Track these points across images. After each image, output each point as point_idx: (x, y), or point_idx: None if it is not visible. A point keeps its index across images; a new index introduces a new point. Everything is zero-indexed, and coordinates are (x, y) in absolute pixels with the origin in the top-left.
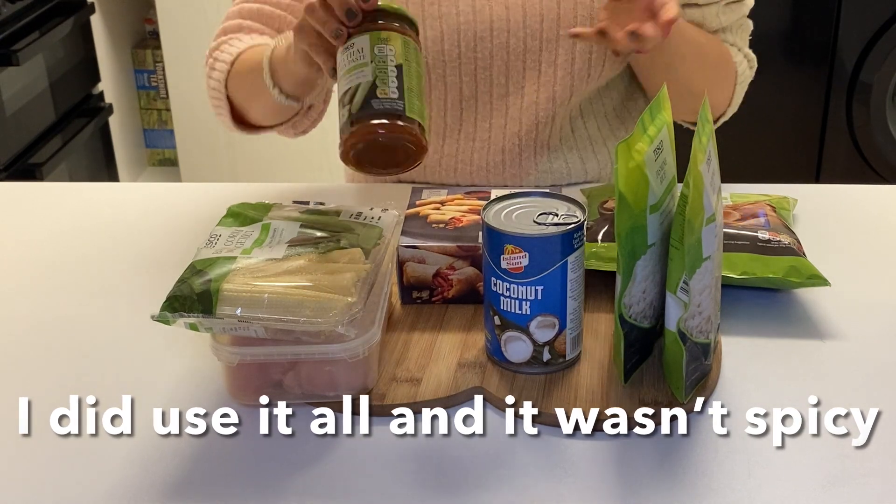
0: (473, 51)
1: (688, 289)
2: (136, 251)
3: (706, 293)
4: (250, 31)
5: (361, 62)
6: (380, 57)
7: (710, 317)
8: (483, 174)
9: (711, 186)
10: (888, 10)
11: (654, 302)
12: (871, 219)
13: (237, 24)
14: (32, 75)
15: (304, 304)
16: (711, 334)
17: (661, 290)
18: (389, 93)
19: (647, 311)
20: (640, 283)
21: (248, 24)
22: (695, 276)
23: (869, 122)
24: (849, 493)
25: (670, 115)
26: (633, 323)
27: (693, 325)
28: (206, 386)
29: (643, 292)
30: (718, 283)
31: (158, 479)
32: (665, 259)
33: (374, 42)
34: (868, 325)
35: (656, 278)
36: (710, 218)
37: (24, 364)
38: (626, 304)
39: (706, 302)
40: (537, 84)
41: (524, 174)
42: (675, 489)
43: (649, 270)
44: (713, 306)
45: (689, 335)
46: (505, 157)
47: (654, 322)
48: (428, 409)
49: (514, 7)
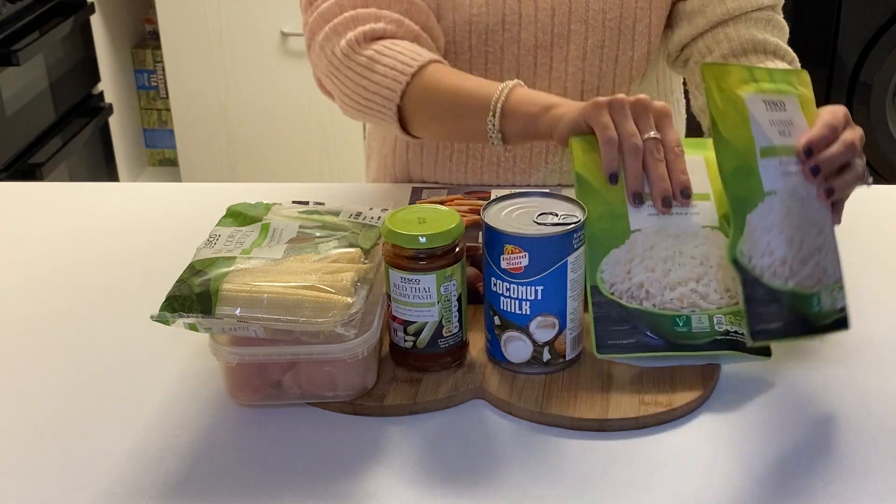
0: (485, 44)
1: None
2: (136, 251)
3: (775, 231)
4: (388, 21)
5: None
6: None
7: (787, 260)
8: (493, 170)
9: (773, 123)
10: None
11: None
12: (871, 219)
13: (373, 13)
14: (32, 75)
15: (303, 305)
16: (791, 281)
17: (801, 250)
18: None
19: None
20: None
21: (386, 15)
22: (756, 211)
23: (869, 122)
24: (849, 491)
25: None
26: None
27: (763, 264)
28: (206, 386)
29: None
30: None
31: (158, 479)
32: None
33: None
34: (868, 324)
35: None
36: (768, 150)
37: (24, 364)
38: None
39: (777, 242)
40: (548, 79)
41: (533, 170)
42: (675, 489)
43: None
44: (793, 250)
45: (750, 269)
46: (515, 153)
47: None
48: (428, 410)
49: (525, 1)
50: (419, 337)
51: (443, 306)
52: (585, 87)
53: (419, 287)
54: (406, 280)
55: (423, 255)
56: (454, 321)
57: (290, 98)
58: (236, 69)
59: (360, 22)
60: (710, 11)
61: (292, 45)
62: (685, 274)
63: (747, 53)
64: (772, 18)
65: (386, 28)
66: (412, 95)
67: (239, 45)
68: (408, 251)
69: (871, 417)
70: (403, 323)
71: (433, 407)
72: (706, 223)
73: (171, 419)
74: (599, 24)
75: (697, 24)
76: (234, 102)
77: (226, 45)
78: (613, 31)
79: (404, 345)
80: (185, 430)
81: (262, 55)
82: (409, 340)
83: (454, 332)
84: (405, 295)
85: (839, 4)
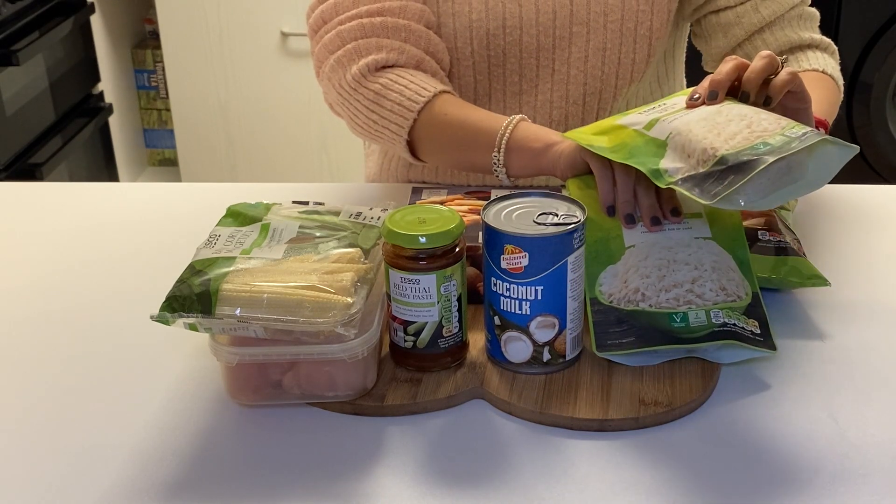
0: (486, 48)
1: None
2: (136, 251)
3: (631, 271)
4: (390, 51)
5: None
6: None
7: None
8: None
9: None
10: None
11: (644, 290)
12: (871, 219)
13: (374, 43)
14: (32, 75)
15: (303, 305)
16: (643, 304)
17: (660, 282)
18: None
19: (633, 297)
20: (621, 275)
21: (387, 44)
22: (619, 262)
23: (869, 122)
24: (849, 492)
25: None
26: (608, 303)
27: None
28: (206, 386)
29: (624, 282)
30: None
31: (158, 479)
32: (670, 259)
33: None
34: (868, 325)
35: (644, 271)
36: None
37: (24, 363)
38: (602, 291)
39: (632, 277)
40: (551, 82)
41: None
42: (675, 489)
43: (629, 265)
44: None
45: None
46: None
47: (648, 307)
48: (427, 410)
49: (526, 4)
50: (419, 337)
51: (443, 306)
52: (588, 90)
53: (419, 287)
54: (406, 280)
55: (423, 255)
56: (454, 321)
57: (290, 98)
58: (236, 69)
59: (362, 54)
60: (746, 21)
61: (292, 45)
62: (679, 278)
63: (783, 54)
64: (803, 13)
65: (388, 57)
66: (420, 128)
67: (239, 45)
68: (408, 251)
69: (871, 418)
70: (403, 323)
71: (433, 407)
72: (699, 235)
73: (171, 419)
74: (601, 27)
75: (735, 35)
76: (234, 102)
77: (226, 45)
78: (615, 34)
79: (404, 345)
80: (185, 430)
81: (262, 55)
82: (409, 340)
83: (454, 332)
84: (405, 295)
85: (839, 4)
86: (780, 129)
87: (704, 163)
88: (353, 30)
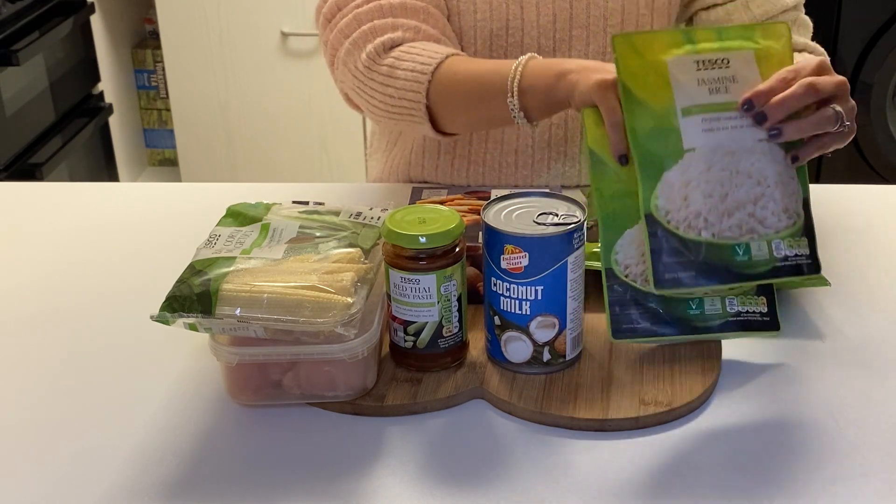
0: (489, 49)
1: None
2: (136, 251)
3: (692, 186)
4: (406, 30)
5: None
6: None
7: (701, 213)
8: (495, 175)
9: (703, 82)
10: (888, 10)
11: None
12: (871, 219)
13: (390, 23)
14: (32, 75)
15: (303, 305)
16: (706, 232)
17: (722, 202)
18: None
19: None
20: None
21: (403, 23)
22: (674, 168)
23: (869, 122)
24: (849, 492)
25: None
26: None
27: (679, 218)
28: (206, 386)
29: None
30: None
31: (158, 479)
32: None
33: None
34: (868, 324)
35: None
36: (690, 109)
37: (24, 363)
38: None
39: (694, 196)
40: None
41: (535, 176)
42: (675, 489)
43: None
44: (712, 203)
45: (665, 223)
46: (518, 158)
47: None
48: (427, 410)
49: (527, 7)
50: (419, 337)
51: (443, 306)
52: None
53: (419, 287)
54: (406, 280)
55: (424, 255)
56: (454, 321)
57: (290, 98)
58: (236, 69)
59: (377, 33)
60: (736, 20)
61: (292, 45)
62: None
63: None
64: (797, 18)
65: (404, 36)
66: (435, 92)
67: (239, 45)
68: (408, 251)
69: (871, 418)
70: (403, 323)
71: (433, 407)
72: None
73: (171, 419)
74: (601, 30)
75: None
76: (234, 102)
77: (226, 45)
78: None
79: (404, 345)
80: (185, 430)
81: (262, 55)
82: (409, 340)
83: (454, 332)
84: (405, 295)
85: (839, 4)
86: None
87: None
88: (370, 11)
